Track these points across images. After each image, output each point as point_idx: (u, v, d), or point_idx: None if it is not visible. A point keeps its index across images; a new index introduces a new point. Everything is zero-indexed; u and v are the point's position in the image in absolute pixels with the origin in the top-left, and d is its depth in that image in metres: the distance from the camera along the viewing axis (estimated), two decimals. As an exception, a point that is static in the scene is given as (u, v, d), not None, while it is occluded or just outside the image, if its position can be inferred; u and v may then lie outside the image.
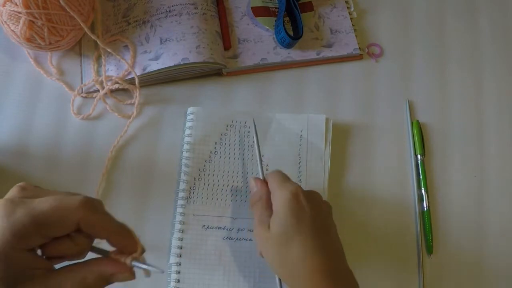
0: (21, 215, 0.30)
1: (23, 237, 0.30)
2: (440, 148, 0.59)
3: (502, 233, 0.55)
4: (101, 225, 0.32)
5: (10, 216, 0.30)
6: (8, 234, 0.29)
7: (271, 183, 0.46)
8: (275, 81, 0.60)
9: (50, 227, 0.31)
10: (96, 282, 0.32)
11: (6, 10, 0.51)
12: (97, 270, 0.32)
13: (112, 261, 0.33)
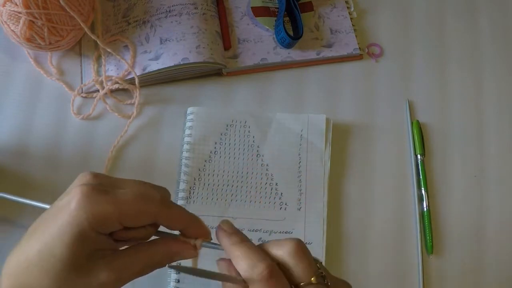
0: (106, 204, 0.31)
1: (104, 224, 0.31)
2: (440, 148, 0.59)
3: (502, 233, 0.55)
4: (177, 219, 0.34)
5: (95, 202, 0.31)
6: (91, 218, 0.31)
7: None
8: (275, 81, 0.60)
9: (131, 219, 0.32)
10: (163, 260, 0.34)
11: (6, 10, 0.51)
12: (164, 249, 0.34)
13: (177, 240, 0.34)
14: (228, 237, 0.34)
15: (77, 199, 0.31)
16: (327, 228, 0.52)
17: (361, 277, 0.52)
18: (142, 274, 0.33)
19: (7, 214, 0.51)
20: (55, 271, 0.30)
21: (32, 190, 0.52)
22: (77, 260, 0.31)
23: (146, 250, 0.33)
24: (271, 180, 0.54)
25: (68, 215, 0.31)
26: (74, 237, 0.30)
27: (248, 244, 0.33)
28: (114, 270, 0.32)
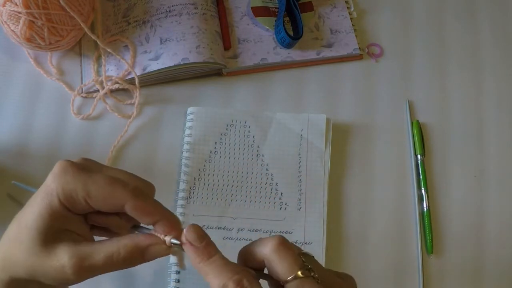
0: (77, 181, 0.32)
1: (71, 200, 0.32)
2: (440, 148, 0.59)
3: (502, 233, 0.55)
4: (145, 211, 0.33)
5: (68, 177, 0.32)
6: (61, 192, 0.32)
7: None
8: (275, 81, 0.60)
9: (98, 200, 0.32)
10: (131, 254, 0.32)
11: (6, 10, 0.51)
12: (132, 242, 0.33)
13: (149, 235, 0.33)
14: (195, 253, 0.32)
15: (53, 172, 0.33)
16: (327, 228, 0.52)
17: (361, 277, 0.52)
18: (107, 267, 0.32)
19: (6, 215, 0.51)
20: (27, 242, 0.32)
21: (31, 192, 0.52)
22: (44, 233, 0.32)
23: (115, 242, 0.33)
24: (271, 180, 0.54)
25: (44, 187, 0.33)
26: (44, 208, 0.32)
27: (216, 260, 0.32)
28: (76, 254, 0.32)
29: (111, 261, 0.32)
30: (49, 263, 0.32)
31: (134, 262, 0.33)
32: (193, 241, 0.32)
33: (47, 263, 0.32)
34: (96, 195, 0.32)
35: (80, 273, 0.32)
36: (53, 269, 0.32)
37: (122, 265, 0.33)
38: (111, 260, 0.32)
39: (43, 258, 0.32)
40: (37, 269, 0.32)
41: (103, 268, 0.32)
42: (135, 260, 0.33)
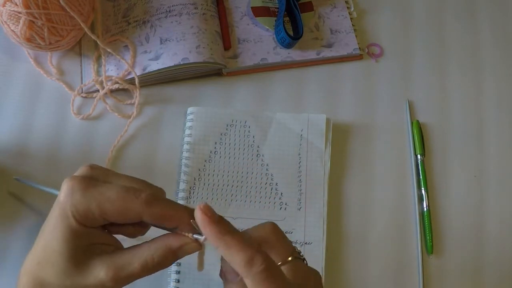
0: (90, 199, 0.31)
1: (88, 219, 0.32)
2: (440, 148, 0.59)
3: (502, 233, 0.55)
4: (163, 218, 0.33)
5: (80, 196, 0.31)
6: (75, 212, 0.31)
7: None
8: (275, 81, 0.60)
9: (114, 215, 0.32)
10: (165, 257, 0.32)
11: (6, 10, 0.51)
12: (164, 245, 0.33)
13: (178, 235, 0.33)
14: (215, 225, 0.31)
15: (64, 192, 0.32)
16: (327, 228, 0.52)
17: (361, 277, 0.52)
18: (144, 273, 0.32)
19: (8, 214, 0.51)
20: (58, 265, 0.31)
21: (32, 190, 0.52)
22: (74, 254, 0.31)
23: (147, 247, 0.33)
24: (271, 180, 0.54)
25: (58, 208, 0.32)
26: (64, 231, 0.31)
27: (238, 234, 0.31)
28: (112, 267, 0.31)
29: (146, 267, 0.32)
30: (86, 282, 0.31)
31: (168, 263, 0.33)
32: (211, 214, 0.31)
33: (84, 283, 0.31)
34: (111, 211, 0.32)
35: (119, 285, 0.32)
36: (92, 287, 0.31)
37: (157, 268, 0.33)
38: (146, 266, 0.32)
39: (79, 279, 0.31)
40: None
41: (140, 275, 0.32)
42: (168, 263, 0.33)
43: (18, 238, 0.50)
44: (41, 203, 0.52)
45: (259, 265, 0.29)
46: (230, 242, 0.30)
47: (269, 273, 0.30)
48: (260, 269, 0.29)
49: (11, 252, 0.50)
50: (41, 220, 0.51)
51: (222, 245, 0.31)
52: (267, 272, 0.30)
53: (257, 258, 0.30)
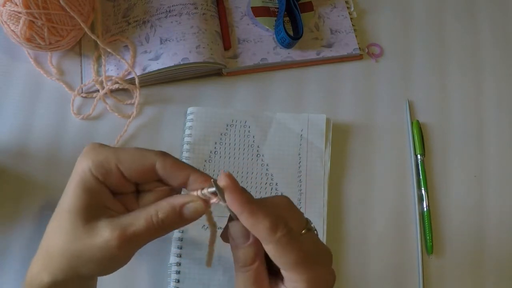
0: (108, 151, 0.33)
1: (102, 171, 0.32)
2: (440, 148, 0.59)
3: (502, 233, 0.55)
4: (176, 167, 0.33)
5: (98, 151, 0.33)
6: (91, 163, 0.32)
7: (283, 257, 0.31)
8: (275, 81, 0.60)
9: (130, 167, 0.33)
10: (169, 215, 0.32)
11: (6, 10, 0.51)
12: (169, 202, 0.33)
13: (184, 195, 0.33)
14: (240, 194, 0.31)
15: (83, 151, 0.33)
16: (327, 228, 0.52)
17: (361, 277, 0.52)
18: (149, 233, 0.32)
19: (8, 214, 0.51)
20: (67, 226, 0.32)
21: (32, 190, 0.52)
22: (83, 212, 0.32)
23: (152, 207, 0.33)
24: (271, 180, 0.54)
25: (74, 168, 0.33)
26: (78, 186, 0.32)
27: (260, 202, 0.32)
28: (117, 226, 0.31)
29: (152, 225, 0.32)
30: (93, 242, 0.31)
31: (174, 224, 0.33)
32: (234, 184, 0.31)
33: (90, 243, 0.31)
34: (126, 159, 0.33)
35: (125, 244, 0.31)
36: (97, 248, 0.31)
37: (163, 228, 0.33)
38: (151, 224, 0.32)
39: (86, 239, 0.31)
40: (81, 254, 0.32)
41: (146, 234, 0.32)
42: (174, 222, 0.33)
43: (18, 238, 0.50)
44: (42, 203, 0.52)
45: (282, 230, 0.30)
46: (255, 209, 0.31)
47: (292, 238, 0.31)
48: (283, 233, 0.30)
49: (11, 252, 0.50)
50: (41, 220, 0.51)
51: (247, 211, 0.31)
52: (289, 237, 0.31)
53: (280, 224, 0.31)
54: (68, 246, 0.32)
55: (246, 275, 0.33)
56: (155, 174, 0.34)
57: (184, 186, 0.34)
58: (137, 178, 0.34)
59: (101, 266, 0.32)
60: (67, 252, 0.32)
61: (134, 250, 0.33)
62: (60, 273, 0.32)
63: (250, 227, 0.31)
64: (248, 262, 0.33)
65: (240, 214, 0.31)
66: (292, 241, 0.31)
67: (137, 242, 0.32)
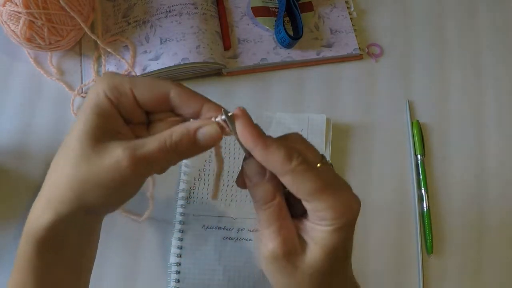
0: (122, 77, 0.32)
1: (116, 94, 0.32)
2: (440, 148, 0.59)
3: (502, 233, 0.55)
4: (189, 95, 0.33)
5: (113, 76, 0.32)
6: (106, 86, 0.32)
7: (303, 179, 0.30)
8: (275, 81, 0.60)
9: (144, 92, 0.32)
10: (183, 138, 0.31)
11: (6, 10, 0.51)
12: (182, 126, 0.32)
13: (198, 120, 0.33)
14: (253, 127, 0.31)
15: (97, 79, 0.33)
16: (327, 228, 0.52)
17: (361, 277, 0.52)
18: (161, 155, 0.31)
19: (7, 214, 0.51)
20: (76, 148, 0.31)
21: (32, 190, 0.52)
22: (94, 132, 0.31)
23: (166, 131, 0.32)
24: (271, 180, 0.54)
25: (89, 93, 0.32)
26: (91, 108, 0.31)
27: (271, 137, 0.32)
28: (129, 147, 0.30)
29: (164, 147, 0.31)
30: (102, 164, 0.30)
31: (188, 149, 0.32)
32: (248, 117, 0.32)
33: (100, 164, 0.30)
34: (141, 84, 0.32)
35: (136, 165, 0.30)
36: (107, 169, 0.30)
37: (176, 152, 0.31)
38: (164, 146, 0.31)
39: (95, 160, 0.30)
40: (90, 178, 0.30)
41: (158, 155, 0.31)
42: (188, 146, 0.32)
43: (18, 238, 0.50)
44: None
45: (297, 159, 0.30)
46: (268, 141, 0.31)
47: (308, 166, 0.30)
48: (299, 161, 0.30)
49: (11, 252, 0.50)
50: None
51: (260, 144, 0.31)
52: (306, 165, 0.30)
53: (294, 154, 0.30)
54: (75, 170, 0.30)
55: (268, 212, 0.32)
56: (168, 103, 0.33)
57: (196, 117, 0.33)
58: (150, 106, 0.33)
59: (109, 191, 0.31)
60: (74, 177, 0.30)
61: (145, 174, 0.32)
62: (64, 206, 0.31)
63: (265, 161, 0.31)
64: (269, 198, 0.32)
65: (254, 148, 0.31)
66: (309, 169, 0.30)
67: (148, 164, 0.31)
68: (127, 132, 0.33)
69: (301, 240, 0.32)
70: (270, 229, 0.31)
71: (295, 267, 0.31)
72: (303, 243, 0.32)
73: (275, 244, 0.31)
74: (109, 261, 0.51)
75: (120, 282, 0.50)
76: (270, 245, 0.31)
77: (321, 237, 0.31)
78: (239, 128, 0.31)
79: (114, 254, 0.51)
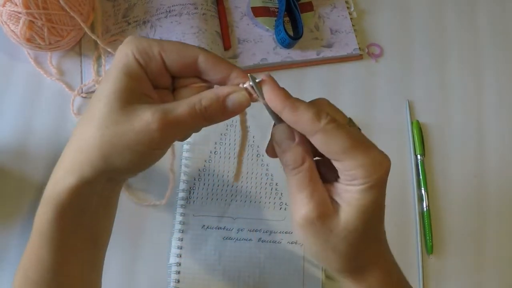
0: (150, 40, 0.32)
1: (145, 57, 0.31)
2: (440, 148, 0.59)
3: (502, 233, 0.55)
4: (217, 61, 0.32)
5: (138, 40, 0.32)
6: (135, 49, 0.31)
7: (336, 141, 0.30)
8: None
9: (173, 56, 0.32)
10: (212, 103, 0.31)
11: (6, 10, 0.51)
12: (212, 91, 0.32)
13: (227, 86, 0.33)
14: (280, 89, 0.32)
15: (124, 42, 0.32)
16: (327, 228, 0.52)
17: (361, 277, 0.52)
18: (191, 120, 0.31)
19: (8, 214, 0.51)
20: (103, 111, 0.30)
21: (32, 190, 0.52)
22: (122, 93, 0.30)
23: (196, 96, 0.32)
24: (271, 180, 0.54)
25: (116, 54, 0.32)
26: (120, 69, 0.31)
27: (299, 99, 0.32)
28: (159, 110, 0.30)
29: (194, 112, 0.31)
30: (131, 126, 0.30)
31: (217, 114, 0.32)
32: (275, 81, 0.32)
33: (128, 126, 0.30)
34: (170, 48, 0.31)
35: (166, 128, 0.30)
36: (136, 131, 0.29)
37: (205, 117, 0.31)
38: (194, 111, 0.31)
39: (124, 122, 0.30)
40: (117, 140, 0.30)
41: (187, 120, 0.31)
42: (217, 112, 0.32)
43: (18, 237, 0.50)
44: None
45: (326, 117, 0.30)
46: (296, 102, 0.31)
47: (338, 125, 0.30)
48: (328, 119, 0.30)
49: (11, 251, 0.50)
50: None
51: (288, 105, 0.31)
52: (335, 123, 0.30)
53: (323, 112, 0.30)
54: (102, 131, 0.30)
55: (299, 176, 0.32)
56: (196, 68, 0.32)
57: (223, 84, 0.33)
58: (178, 70, 0.33)
59: (136, 155, 0.30)
60: (102, 138, 0.30)
61: (173, 138, 0.32)
62: (89, 169, 0.30)
63: (294, 122, 0.31)
64: (299, 161, 0.32)
65: (282, 110, 0.31)
66: (339, 127, 0.30)
67: (178, 128, 0.31)
68: (155, 96, 0.33)
69: (334, 203, 0.32)
70: (302, 194, 0.32)
71: (329, 230, 0.31)
72: (336, 206, 0.31)
73: (309, 208, 0.31)
74: (109, 261, 0.51)
75: (120, 282, 0.50)
76: (303, 209, 0.31)
77: (354, 198, 0.31)
78: (267, 92, 0.32)
79: (114, 254, 0.51)
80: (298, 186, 0.32)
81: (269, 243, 0.52)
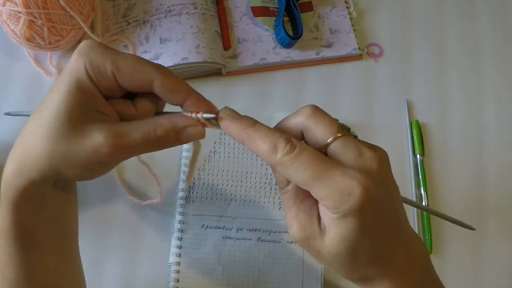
0: (105, 56, 0.30)
1: (98, 75, 0.30)
2: (439, 148, 0.59)
3: (501, 233, 0.55)
4: (174, 85, 0.31)
5: (92, 53, 0.30)
6: (88, 63, 0.29)
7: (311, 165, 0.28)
8: (275, 81, 0.60)
9: (126, 78, 0.30)
10: (167, 134, 0.31)
11: (6, 10, 0.51)
12: (169, 121, 0.31)
13: (185, 116, 0.32)
14: (237, 122, 0.30)
15: (78, 49, 0.30)
16: (327, 228, 0.52)
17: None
18: (143, 146, 0.30)
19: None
20: (53, 126, 0.29)
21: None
22: (74, 111, 0.29)
23: (151, 121, 0.31)
24: (271, 180, 0.54)
25: (68, 66, 0.30)
26: (72, 84, 0.29)
27: (260, 125, 0.30)
28: (112, 133, 0.29)
29: (148, 140, 0.30)
30: (82, 146, 0.29)
31: (169, 143, 0.31)
32: (232, 114, 0.31)
33: (79, 146, 0.29)
34: (124, 68, 0.30)
35: (117, 152, 0.30)
36: (86, 152, 0.29)
37: (158, 145, 0.31)
38: (148, 139, 0.30)
39: (74, 141, 0.29)
40: (66, 156, 0.29)
41: (139, 146, 0.30)
42: (170, 141, 0.31)
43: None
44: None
45: (282, 149, 0.28)
46: (252, 134, 0.29)
47: (297, 153, 0.28)
48: (286, 151, 0.28)
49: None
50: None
51: (245, 138, 0.30)
52: (293, 152, 0.28)
53: (280, 142, 0.29)
54: (52, 147, 0.29)
55: (285, 197, 0.31)
56: (152, 90, 0.31)
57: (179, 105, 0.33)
58: (132, 89, 0.31)
59: (85, 171, 0.30)
60: (50, 153, 0.29)
61: (123, 159, 0.31)
62: (37, 174, 0.30)
63: (255, 153, 0.30)
64: (284, 183, 0.31)
65: (242, 143, 0.30)
66: (296, 158, 0.28)
67: (129, 152, 0.31)
68: (109, 110, 0.31)
69: (322, 225, 0.30)
70: (288, 215, 0.31)
71: (317, 251, 0.30)
72: (323, 227, 0.30)
73: (293, 230, 0.31)
74: (108, 261, 0.51)
75: (119, 281, 0.50)
76: (290, 230, 0.31)
77: (332, 224, 0.29)
78: (224, 127, 0.31)
79: (113, 254, 0.51)
80: (285, 206, 0.32)
81: (269, 242, 0.52)
